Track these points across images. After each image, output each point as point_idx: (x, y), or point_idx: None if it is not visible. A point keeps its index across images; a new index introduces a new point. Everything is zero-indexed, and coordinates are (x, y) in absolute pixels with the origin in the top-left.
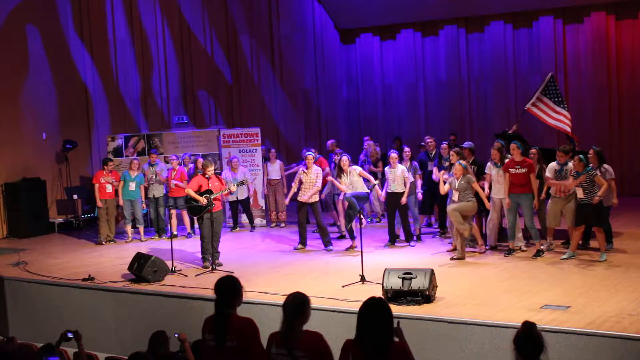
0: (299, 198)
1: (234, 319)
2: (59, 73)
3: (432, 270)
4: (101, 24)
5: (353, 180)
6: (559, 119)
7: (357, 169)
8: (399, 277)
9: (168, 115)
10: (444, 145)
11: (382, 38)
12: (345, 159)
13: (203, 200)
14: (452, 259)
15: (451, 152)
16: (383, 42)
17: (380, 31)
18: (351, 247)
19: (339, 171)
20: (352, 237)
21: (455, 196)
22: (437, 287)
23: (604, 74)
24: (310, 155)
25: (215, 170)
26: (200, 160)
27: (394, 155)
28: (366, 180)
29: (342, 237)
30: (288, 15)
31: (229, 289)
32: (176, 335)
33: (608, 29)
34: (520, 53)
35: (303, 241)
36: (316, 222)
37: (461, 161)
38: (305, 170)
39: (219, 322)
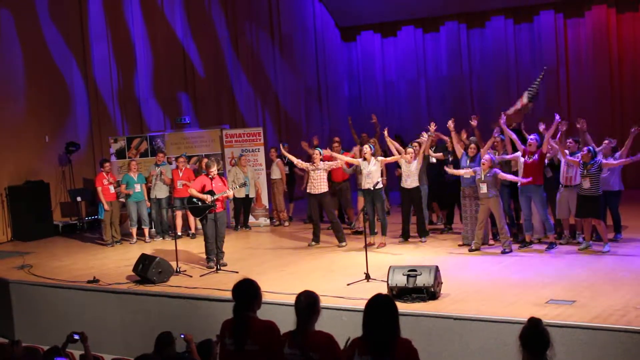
0: (308, 190)
1: (255, 323)
2: (53, 73)
3: (437, 267)
4: (81, 23)
5: (372, 170)
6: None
7: (381, 159)
8: (403, 275)
9: (170, 115)
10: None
11: (382, 35)
12: (367, 147)
13: (207, 197)
14: (470, 250)
15: (471, 145)
16: (384, 39)
17: (381, 28)
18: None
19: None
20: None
21: (483, 188)
22: (442, 283)
23: (606, 67)
24: (318, 151)
25: (218, 170)
26: (205, 160)
27: (410, 150)
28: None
29: (357, 232)
30: (288, 13)
31: (247, 293)
32: (182, 336)
33: (609, 22)
34: (522, 48)
35: (316, 238)
36: (329, 218)
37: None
38: (314, 165)
39: (238, 325)
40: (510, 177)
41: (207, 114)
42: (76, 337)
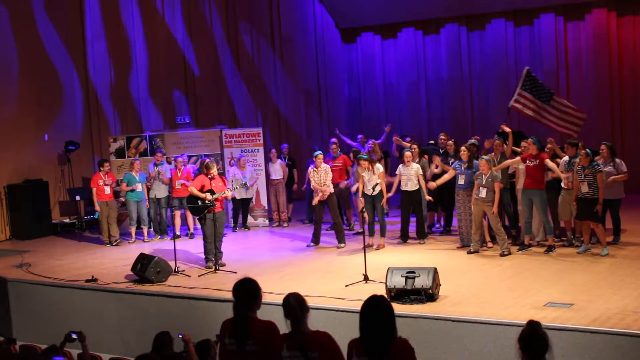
0: (316, 199)
1: (255, 323)
2: (48, 72)
3: (435, 269)
4: (81, 22)
5: (373, 177)
6: (548, 117)
7: (381, 169)
8: (402, 276)
9: (168, 115)
10: (450, 142)
11: (383, 37)
12: (363, 161)
13: (207, 196)
14: (469, 252)
15: (462, 148)
16: (384, 41)
17: (381, 30)
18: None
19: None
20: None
21: (483, 193)
22: (440, 285)
23: (606, 71)
24: (320, 154)
25: (218, 170)
26: (206, 161)
27: (408, 153)
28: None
29: (358, 233)
30: (289, 15)
31: (248, 292)
32: (180, 336)
33: (609, 26)
34: (522, 51)
35: (316, 239)
36: (332, 219)
37: (485, 156)
38: (315, 169)
39: (238, 325)
40: (496, 199)
41: (205, 114)
42: (74, 336)
